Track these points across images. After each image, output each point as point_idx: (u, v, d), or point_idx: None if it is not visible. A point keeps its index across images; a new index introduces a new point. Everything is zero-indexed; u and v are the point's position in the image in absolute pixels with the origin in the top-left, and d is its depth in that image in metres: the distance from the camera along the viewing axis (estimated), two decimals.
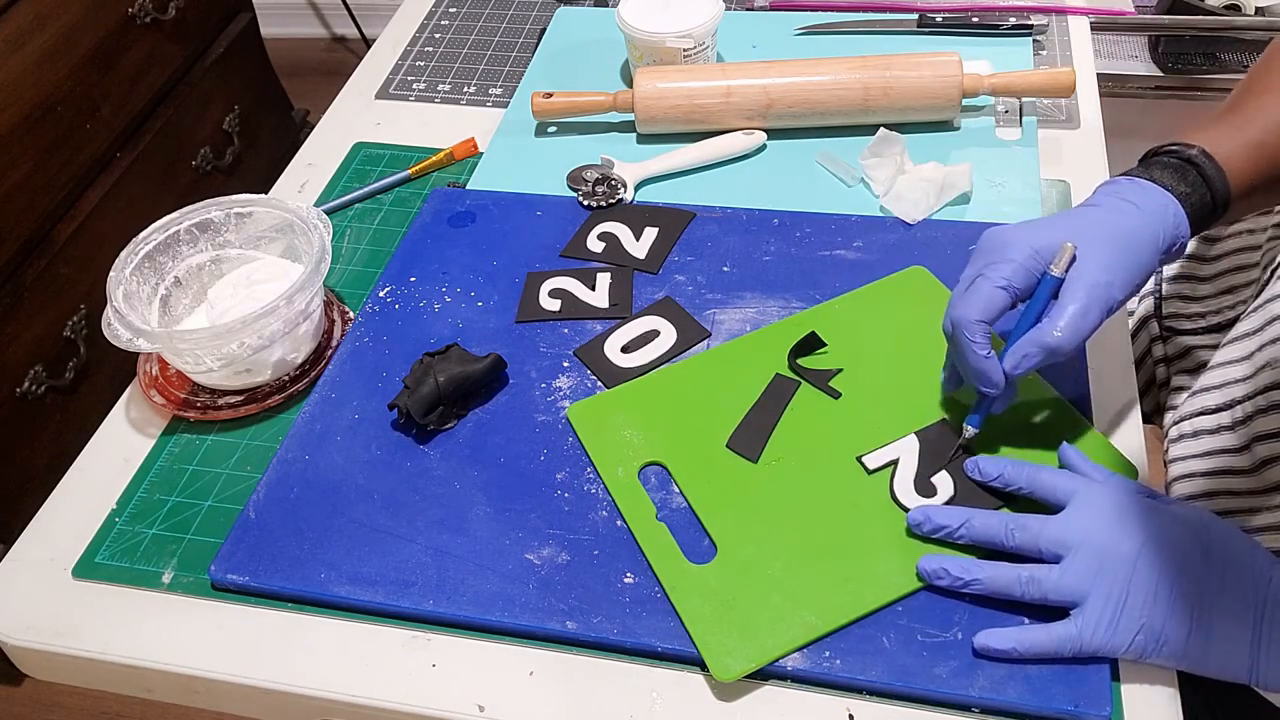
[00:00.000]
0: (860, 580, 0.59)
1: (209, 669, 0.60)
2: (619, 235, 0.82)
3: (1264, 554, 0.56)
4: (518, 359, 0.73)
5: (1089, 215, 0.62)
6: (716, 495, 0.64)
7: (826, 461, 0.65)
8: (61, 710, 1.47)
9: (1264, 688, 0.55)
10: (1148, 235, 0.61)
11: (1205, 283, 0.81)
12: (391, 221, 0.87)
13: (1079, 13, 1.04)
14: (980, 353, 0.60)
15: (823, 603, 0.58)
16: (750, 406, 0.68)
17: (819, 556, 0.60)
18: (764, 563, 0.60)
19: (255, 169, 1.88)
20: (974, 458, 0.63)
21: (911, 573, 0.59)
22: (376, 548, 0.63)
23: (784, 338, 0.72)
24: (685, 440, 0.67)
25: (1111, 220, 0.61)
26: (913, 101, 0.87)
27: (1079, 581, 0.56)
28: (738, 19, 1.05)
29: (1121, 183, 0.63)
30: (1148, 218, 0.61)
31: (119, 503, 0.69)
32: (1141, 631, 0.55)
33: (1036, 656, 0.55)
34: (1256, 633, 0.54)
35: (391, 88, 1.02)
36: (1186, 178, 0.63)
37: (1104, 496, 0.58)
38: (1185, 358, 0.80)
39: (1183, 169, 0.63)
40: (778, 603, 0.58)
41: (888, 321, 0.73)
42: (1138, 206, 0.61)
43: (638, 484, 0.65)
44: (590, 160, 0.89)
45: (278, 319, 0.69)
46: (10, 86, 1.34)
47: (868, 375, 0.70)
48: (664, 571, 0.60)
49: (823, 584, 0.59)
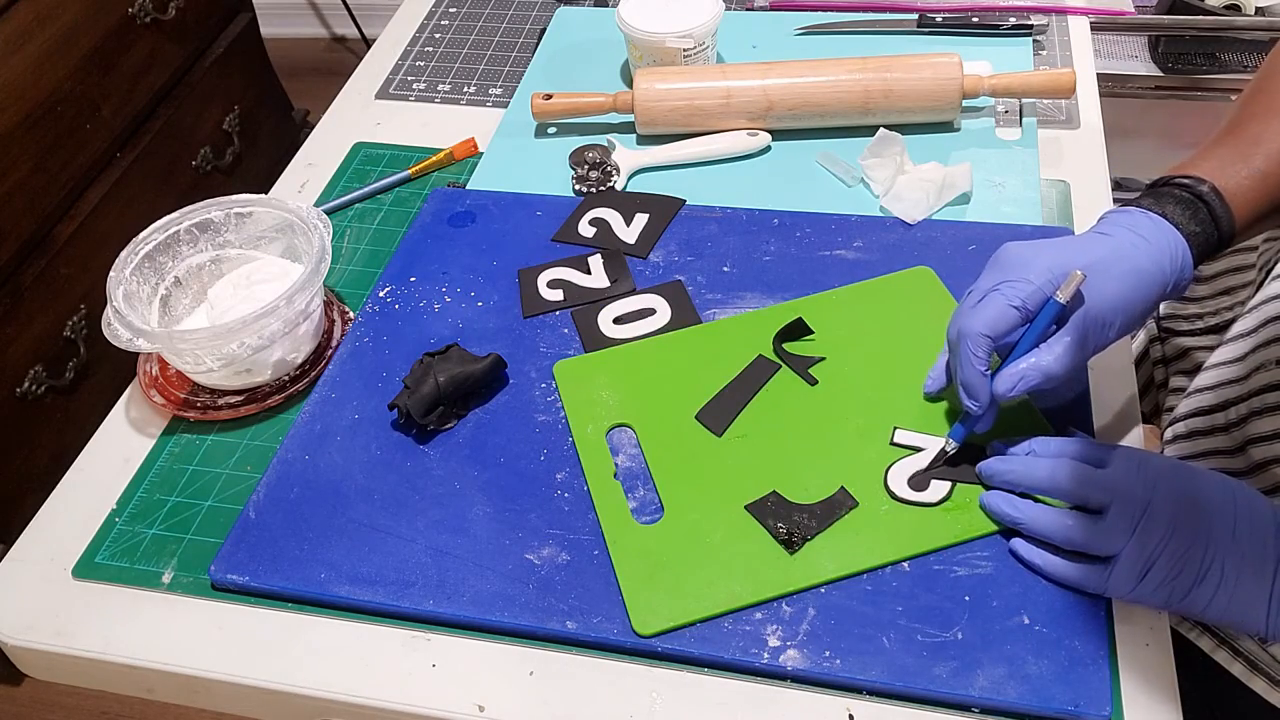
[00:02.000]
0: (794, 560, 0.60)
1: (209, 669, 0.60)
2: (610, 221, 0.83)
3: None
4: (518, 359, 0.74)
5: (1106, 246, 0.62)
6: (675, 462, 0.66)
7: (787, 443, 0.67)
8: (61, 710, 1.47)
9: (1277, 640, 0.56)
10: (1155, 274, 0.61)
11: (1203, 284, 0.81)
12: (391, 221, 0.87)
13: (1079, 13, 1.04)
14: (979, 367, 0.60)
15: (754, 576, 0.60)
16: (727, 383, 0.70)
17: (760, 532, 0.62)
18: (706, 530, 0.62)
19: (255, 169, 1.88)
20: (995, 441, 0.64)
21: (846, 559, 0.60)
22: (376, 548, 0.63)
23: (775, 322, 0.73)
24: (657, 407, 0.69)
25: (1127, 257, 0.61)
26: (913, 103, 0.87)
27: (1117, 535, 0.57)
28: (738, 19, 1.05)
29: (1135, 214, 0.63)
30: (1157, 256, 0.61)
31: (119, 503, 0.69)
32: (1164, 587, 0.56)
33: (1058, 581, 0.58)
34: (1273, 586, 0.55)
35: (391, 88, 1.02)
36: (1197, 216, 0.63)
37: (1145, 456, 0.59)
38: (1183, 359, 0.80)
39: (1194, 206, 0.63)
40: (710, 570, 0.60)
41: (881, 318, 0.74)
42: (1149, 243, 0.62)
43: (603, 442, 0.67)
44: None
45: (278, 319, 0.69)
46: (10, 86, 1.34)
47: (849, 367, 0.71)
48: (609, 527, 0.63)
49: (757, 558, 0.61)
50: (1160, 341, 0.82)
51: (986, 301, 0.61)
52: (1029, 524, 0.59)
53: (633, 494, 0.64)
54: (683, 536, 0.62)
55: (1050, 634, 0.57)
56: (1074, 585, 0.58)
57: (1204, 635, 0.71)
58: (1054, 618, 0.57)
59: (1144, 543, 0.56)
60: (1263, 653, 0.69)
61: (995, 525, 0.61)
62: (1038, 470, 0.60)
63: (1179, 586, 0.56)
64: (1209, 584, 0.55)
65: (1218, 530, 0.56)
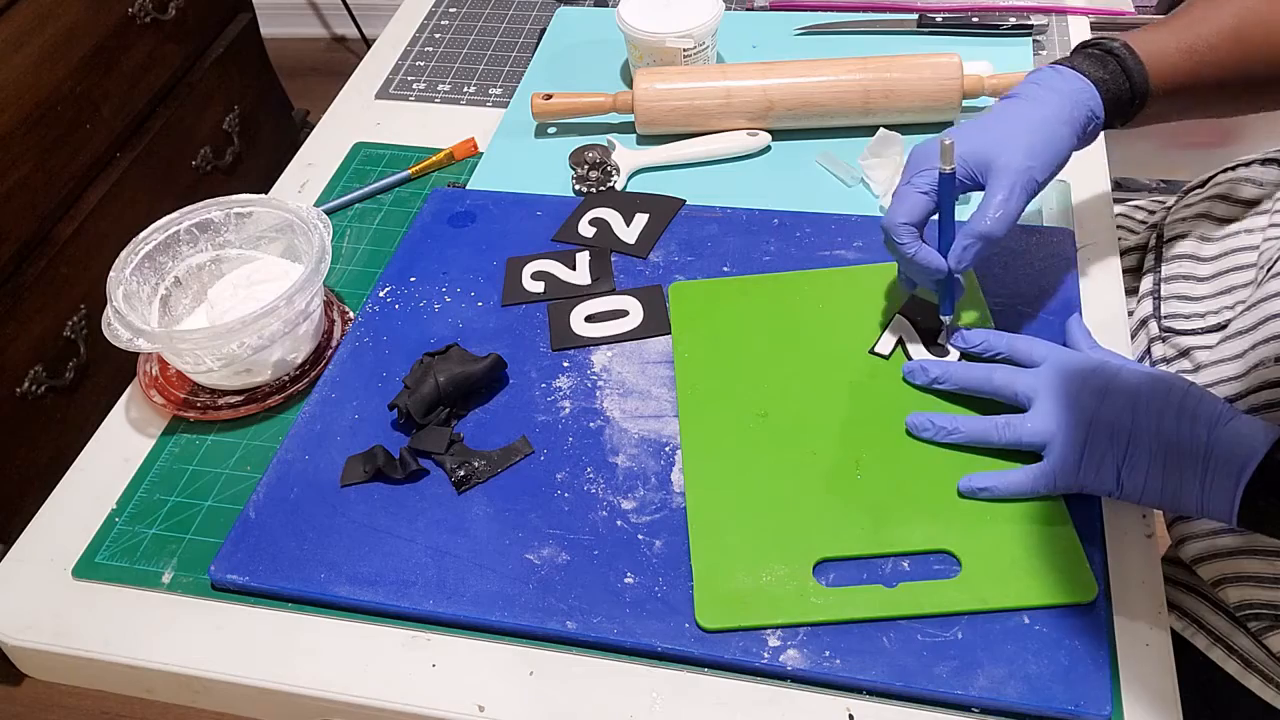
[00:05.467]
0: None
1: (209, 669, 0.60)
2: (610, 221, 0.83)
3: (1228, 407, 0.59)
4: (518, 359, 0.74)
5: (1009, 109, 0.68)
6: None
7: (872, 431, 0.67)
8: (61, 710, 1.47)
9: (1212, 517, 0.58)
10: (1064, 118, 0.67)
11: (1203, 283, 0.81)
12: (391, 221, 0.87)
13: (1079, 13, 1.04)
14: (910, 250, 0.66)
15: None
16: None
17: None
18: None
19: (255, 169, 1.88)
20: (958, 329, 0.70)
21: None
22: (376, 548, 0.63)
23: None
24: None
25: (1030, 110, 0.67)
26: (913, 103, 0.87)
27: (1048, 423, 0.61)
28: (738, 19, 1.05)
29: (1043, 71, 0.70)
30: (1064, 100, 0.67)
31: (119, 503, 0.69)
32: (1106, 468, 0.59)
33: (1015, 494, 0.62)
34: (1203, 468, 0.57)
35: (391, 88, 1.02)
36: (1106, 67, 0.69)
37: (1077, 355, 0.65)
38: (1185, 357, 0.80)
39: (1103, 59, 0.70)
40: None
41: None
42: (1055, 91, 0.68)
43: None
44: None
45: (278, 319, 0.69)
46: (10, 86, 1.34)
47: None
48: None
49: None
50: (1162, 340, 0.82)
51: (899, 195, 0.67)
52: (967, 432, 0.64)
53: None
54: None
55: (1050, 634, 0.57)
56: (1028, 492, 0.61)
57: (1199, 633, 0.72)
58: (1054, 618, 0.57)
59: (1070, 429, 0.60)
60: (1257, 650, 0.69)
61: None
62: (975, 371, 0.66)
63: (1109, 469, 0.59)
64: (1138, 467, 0.59)
65: (1142, 417, 0.59)
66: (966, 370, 0.67)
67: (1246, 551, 0.68)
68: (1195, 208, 0.85)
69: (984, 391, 0.66)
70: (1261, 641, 0.68)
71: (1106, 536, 0.62)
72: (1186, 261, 0.84)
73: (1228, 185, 0.84)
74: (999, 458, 0.64)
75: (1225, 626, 0.71)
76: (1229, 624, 0.71)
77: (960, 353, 0.70)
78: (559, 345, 0.74)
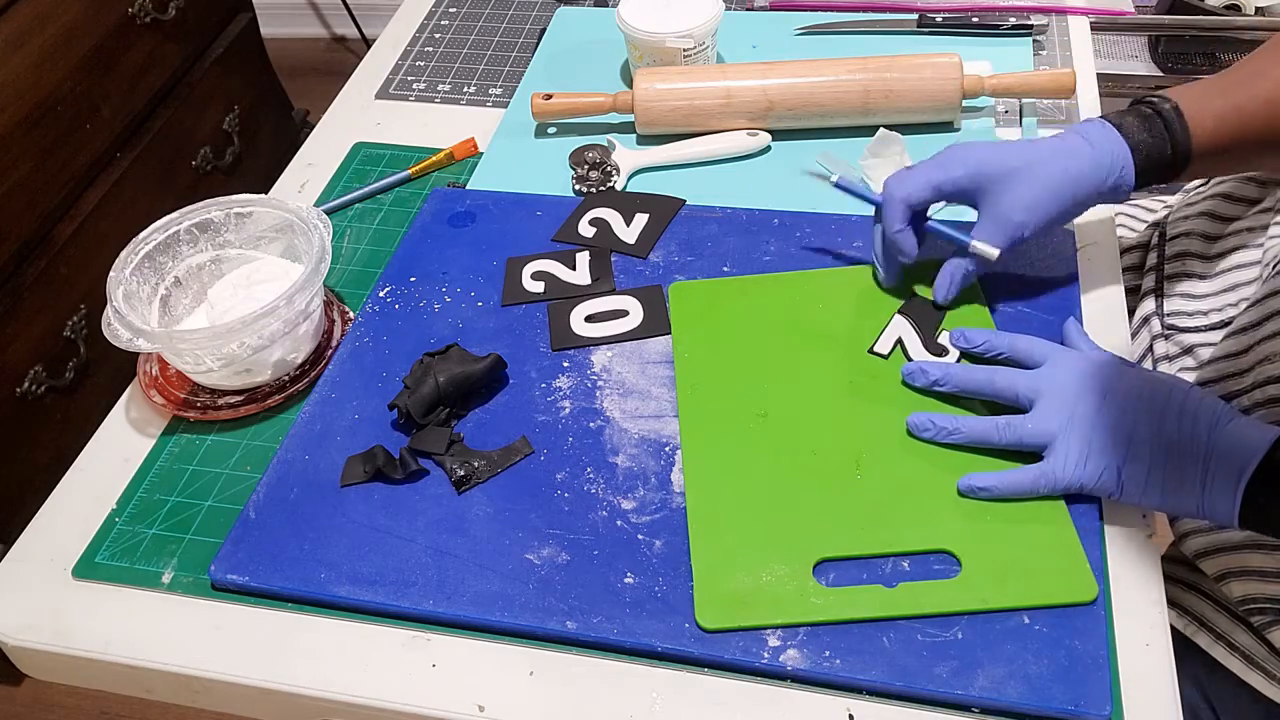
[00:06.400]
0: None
1: (209, 669, 0.60)
2: (610, 221, 0.83)
3: (1228, 408, 0.60)
4: (518, 359, 0.74)
5: (1040, 149, 0.69)
6: None
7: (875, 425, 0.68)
8: (61, 710, 1.47)
9: (1214, 518, 0.59)
10: (1089, 175, 0.68)
11: (1206, 281, 0.81)
12: (391, 221, 0.87)
13: (1079, 13, 1.04)
14: (895, 226, 0.69)
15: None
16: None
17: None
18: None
19: (255, 169, 1.88)
20: (959, 328, 0.70)
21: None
22: (376, 548, 0.63)
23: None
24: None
25: (1056, 160, 0.69)
26: (913, 104, 0.87)
27: (1049, 423, 0.62)
28: (738, 19, 1.05)
29: (1094, 122, 0.70)
30: (1096, 157, 0.68)
31: (119, 503, 0.69)
32: (1107, 469, 0.60)
33: (1015, 494, 0.61)
34: (1204, 469, 0.58)
35: (391, 88, 1.02)
36: (1152, 130, 0.69)
37: (1079, 356, 0.65)
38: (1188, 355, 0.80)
39: (1152, 121, 0.69)
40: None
41: None
42: (1093, 146, 0.69)
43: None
44: None
45: (278, 319, 0.69)
46: (10, 86, 1.34)
47: None
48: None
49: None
50: (1164, 338, 0.82)
51: (912, 172, 0.69)
52: (968, 432, 0.64)
53: None
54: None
55: (1050, 634, 0.57)
56: (1028, 492, 0.61)
57: (1201, 631, 0.72)
58: (1054, 618, 0.57)
59: (1071, 429, 0.61)
60: (1259, 647, 0.69)
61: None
62: (976, 374, 0.66)
63: (1110, 470, 0.60)
64: (1139, 468, 0.59)
65: (1143, 418, 0.60)
66: (967, 373, 0.67)
67: (1251, 546, 0.68)
68: (1198, 206, 0.85)
69: (985, 394, 0.66)
70: (1264, 637, 0.68)
71: (1106, 536, 0.62)
72: (1189, 259, 0.84)
73: (1231, 183, 0.84)
74: (999, 458, 0.64)
75: (1227, 624, 0.71)
76: (1231, 621, 0.71)
77: (960, 352, 0.70)
78: (559, 345, 0.74)
